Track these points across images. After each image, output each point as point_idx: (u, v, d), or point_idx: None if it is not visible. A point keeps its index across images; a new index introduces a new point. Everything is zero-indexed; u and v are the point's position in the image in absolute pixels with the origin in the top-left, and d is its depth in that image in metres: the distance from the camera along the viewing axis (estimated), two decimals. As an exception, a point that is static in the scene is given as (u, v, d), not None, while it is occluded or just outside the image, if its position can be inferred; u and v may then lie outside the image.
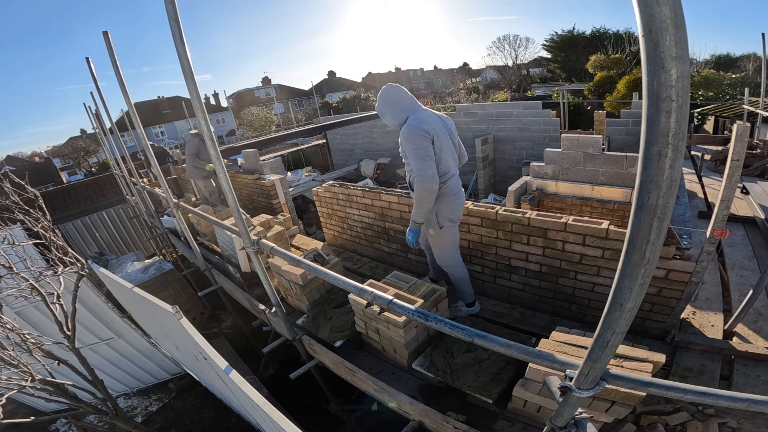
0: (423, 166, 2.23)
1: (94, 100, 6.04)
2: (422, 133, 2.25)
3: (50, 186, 16.98)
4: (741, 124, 1.82)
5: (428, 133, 2.27)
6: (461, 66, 49.19)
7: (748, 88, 7.93)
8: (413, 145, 2.25)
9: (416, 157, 2.24)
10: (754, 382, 1.99)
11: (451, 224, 2.54)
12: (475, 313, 2.87)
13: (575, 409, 1.12)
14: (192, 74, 1.79)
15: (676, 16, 0.59)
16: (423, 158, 2.23)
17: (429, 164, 2.24)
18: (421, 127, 2.26)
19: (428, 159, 2.24)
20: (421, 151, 2.23)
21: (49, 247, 3.14)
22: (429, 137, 2.27)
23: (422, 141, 2.25)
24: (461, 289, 2.79)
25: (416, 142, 2.24)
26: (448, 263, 2.71)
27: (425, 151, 2.24)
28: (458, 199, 2.51)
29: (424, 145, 2.25)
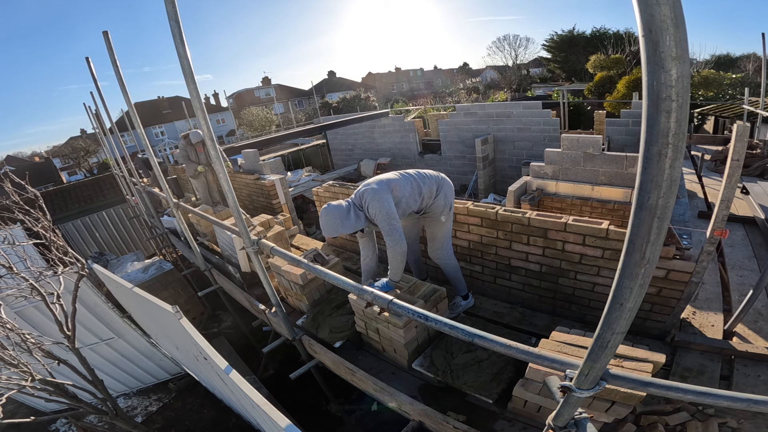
0: (392, 231, 2.39)
1: (94, 100, 6.04)
2: (383, 202, 2.36)
3: (50, 186, 16.97)
4: (741, 124, 1.82)
5: (387, 197, 2.39)
6: (461, 66, 49.19)
7: (748, 88, 7.92)
8: (381, 214, 2.37)
9: (385, 224, 2.38)
10: (754, 382, 1.99)
11: (450, 211, 2.68)
12: (472, 306, 2.95)
13: (575, 409, 1.12)
14: (192, 74, 1.79)
15: (676, 16, 0.59)
16: (391, 225, 2.37)
17: (396, 229, 2.39)
18: (381, 198, 2.38)
19: (395, 225, 2.38)
20: (388, 218, 2.37)
21: (49, 247, 3.14)
22: (389, 203, 2.38)
23: (386, 205, 2.37)
24: (457, 280, 2.87)
25: (381, 210, 2.36)
26: (446, 253, 2.78)
27: (392, 217, 2.38)
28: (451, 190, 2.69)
29: (388, 209, 2.37)
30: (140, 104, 30.97)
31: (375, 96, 31.65)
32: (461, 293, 2.91)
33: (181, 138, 5.77)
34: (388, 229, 2.38)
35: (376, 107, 24.63)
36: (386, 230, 2.39)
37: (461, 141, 8.19)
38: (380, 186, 2.43)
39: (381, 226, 2.41)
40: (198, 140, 5.59)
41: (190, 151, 5.71)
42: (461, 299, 2.92)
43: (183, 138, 5.71)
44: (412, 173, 2.63)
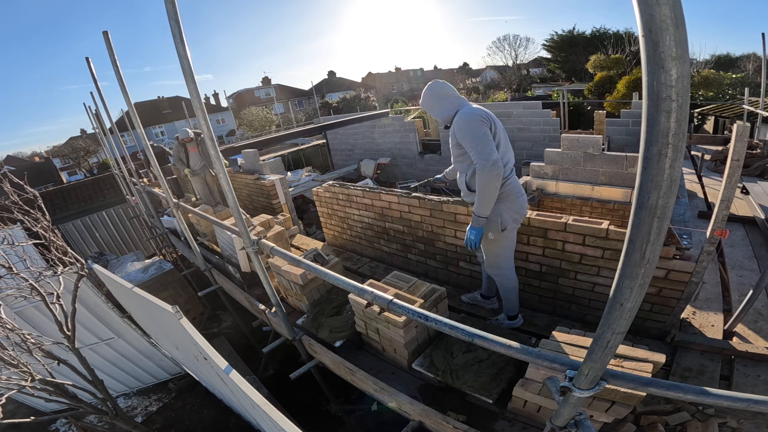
0: (485, 150, 2.03)
1: (94, 100, 6.04)
2: (479, 118, 2.08)
3: (50, 186, 16.96)
4: (741, 124, 1.82)
5: (486, 119, 2.10)
6: (461, 66, 49.26)
7: (748, 88, 7.92)
8: (472, 132, 2.06)
9: (477, 142, 2.05)
10: (754, 382, 1.99)
11: (515, 226, 2.33)
12: (518, 326, 2.67)
13: (575, 409, 1.12)
14: (192, 74, 1.79)
15: (676, 16, 0.59)
16: (485, 143, 2.04)
17: (492, 149, 2.04)
18: (478, 113, 2.10)
19: (490, 143, 2.05)
20: (482, 137, 2.04)
21: (49, 247, 3.13)
22: (487, 123, 2.09)
23: (481, 126, 2.06)
24: (509, 299, 2.58)
25: (475, 128, 2.06)
26: (502, 271, 2.46)
27: (486, 136, 2.05)
28: (522, 196, 2.31)
29: (485, 131, 2.06)
30: (140, 104, 31.00)
31: (375, 96, 31.66)
32: (510, 312, 2.63)
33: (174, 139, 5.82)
34: (481, 149, 2.03)
35: (376, 107, 24.63)
36: (477, 150, 2.04)
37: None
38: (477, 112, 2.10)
39: (469, 146, 2.09)
40: (184, 137, 5.59)
41: (180, 152, 5.74)
42: (506, 317, 2.65)
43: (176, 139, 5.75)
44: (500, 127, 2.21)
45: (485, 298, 2.96)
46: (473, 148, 2.07)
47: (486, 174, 2.04)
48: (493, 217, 2.23)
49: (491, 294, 2.93)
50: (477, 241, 2.24)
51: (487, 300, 2.95)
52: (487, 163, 2.02)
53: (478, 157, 2.05)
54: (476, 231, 2.22)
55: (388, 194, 3.55)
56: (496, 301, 2.94)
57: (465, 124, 2.09)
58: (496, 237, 2.30)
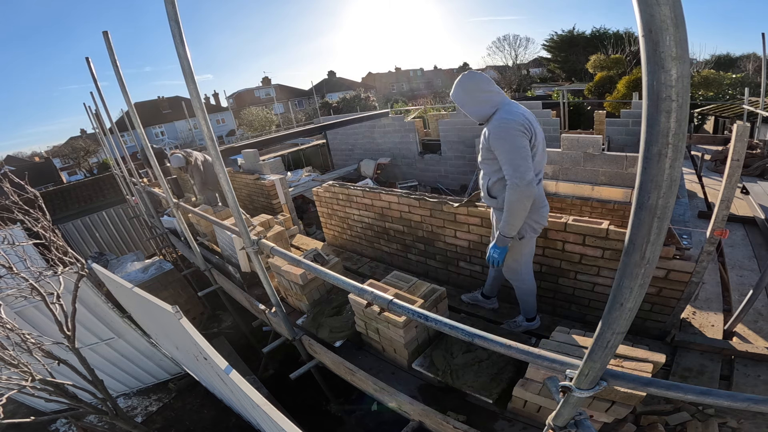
0: (521, 167, 1.90)
1: (94, 100, 6.04)
2: (521, 128, 1.93)
3: (50, 186, 16.96)
4: (741, 124, 1.82)
5: (527, 130, 1.95)
6: (461, 66, 49.16)
7: (748, 88, 7.93)
8: (510, 143, 1.92)
9: (514, 156, 1.92)
10: (754, 382, 1.99)
11: (533, 234, 2.25)
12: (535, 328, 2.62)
13: (575, 409, 1.12)
14: (192, 74, 1.79)
15: (676, 16, 0.59)
16: (523, 158, 1.91)
17: (528, 166, 1.92)
18: (520, 122, 1.94)
19: (528, 160, 1.93)
20: (519, 150, 1.92)
21: (49, 247, 3.13)
22: (528, 135, 1.96)
23: (521, 139, 1.92)
24: (526, 302, 2.53)
25: (513, 139, 1.92)
26: (520, 276, 2.40)
27: (524, 150, 1.92)
28: (545, 207, 2.24)
29: (524, 144, 1.93)
30: (140, 104, 30.99)
31: (375, 96, 31.66)
32: (528, 315, 2.58)
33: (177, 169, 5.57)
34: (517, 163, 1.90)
35: (376, 107, 24.63)
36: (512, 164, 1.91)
37: (461, 141, 8.19)
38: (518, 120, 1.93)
39: (503, 157, 1.96)
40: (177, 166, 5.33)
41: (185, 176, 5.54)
42: (524, 319, 2.61)
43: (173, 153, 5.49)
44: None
45: (486, 298, 2.94)
46: (508, 161, 1.95)
47: (518, 193, 1.93)
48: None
49: (492, 294, 2.91)
50: (500, 260, 2.17)
51: (488, 300, 2.94)
52: (521, 182, 1.91)
53: (512, 173, 1.93)
54: (500, 250, 2.15)
55: (388, 194, 3.55)
56: (496, 300, 2.94)
57: (503, 133, 1.94)
58: (514, 244, 2.25)
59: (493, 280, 2.81)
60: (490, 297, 2.93)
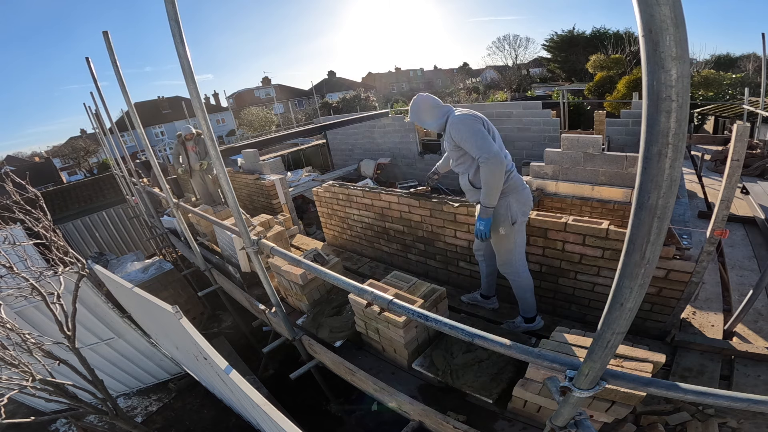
0: (485, 145, 2.16)
1: (94, 101, 6.04)
2: (472, 118, 2.23)
3: (50, 186, 16.97)
4: (741, 124, 1.82)
5: (477, 118, 2.24)
6: (461, 66, 49.25)
7: (748, 88, 7.93)
8: (469, 130, 2.19)
9: (476, 139, 2.18)
10: (754, 382, 1.99)
11: (524, 219, 2.38)
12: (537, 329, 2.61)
13: (575, 409, 1.12)
14: (192, 74, 1.79)
15: (676, 16, 0.59)
16: (483, 138, 2.17)
17: (490, 142, 2.18)
18: (471, 115, 2.25)
19: (488, 138, 2.19)
20: (478, 132, 2.18)
21: (50, 247, 3.13)
22: (479, 121, 2.24)
23: (476, 124, 2.21)
24: (525, 300, 2.53)
25: (470, 127, 2.20)
26: (515, 268, 2.46)
27: (482, 132, 2.19)
28: (526, 189, 2.39)
29: (479, 128, 2.20)
30: (140, 104, 31.00)
31: (375, 96, 31.67)
32: (525, 314, 2.58)
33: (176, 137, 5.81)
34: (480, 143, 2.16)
35: (376, 107, 24.64)
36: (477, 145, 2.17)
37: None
38: (468, 114, 2.26)
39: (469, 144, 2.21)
40: (186, 134, 5.57)
41: (180, 151, 5.72)
42: (523, 320, 2.60)
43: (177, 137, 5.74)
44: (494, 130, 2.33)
45: (485, 298, 2.95)
46: (473, 144, 2.19)
47: (490, 165, 2.14)
48: (502, 210, 2.30)
49: (491, 293, 2.92)
50: (487, 231, 2.31)
51: (487, 300, 2.94)
52: (490, 155, 2.13)
53: (479, 152, 2.16)
54: (485, 221, 2.30)
55: (388, 194, 3.55)
56: (496, 300, 2.94)
57: (461, 125, 2.22)
58: (507, 231, 2.35)
59: (487, 278, 2.84)
60: (489, 296, 2.93)
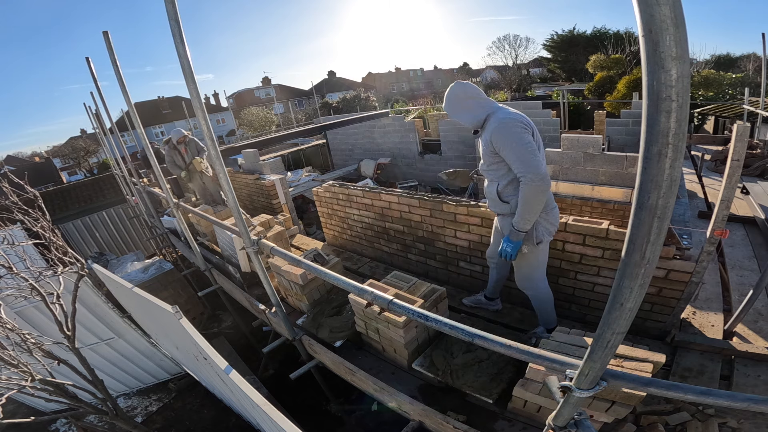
0: (533, 161, 1.89)
1: (94, 101, 6.04)
2: (521, 125, 1.93)
3: (50, 186, 16.97)
4: (741, 124, 1.82)
5: (527, 126, 1.96)
6: (461, 66, 49.22)
7: (748, 88, 7.92)
8: (516, 141, 1.90)
9: (523, 153, 1.90)
10: (754, 382, 1.99)
11: (549, 238, 2.20)
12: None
13: (575, 409, 1.12)
14: (192, 74, 1.79)
15: (676, 16, 0.59)
16: (532, 153, 1.90)
17: (539, 160, 1.92)
18: (519, 120, 1.95)
19: (537, 154, 1.92)
20: (527, 146, 1.90)
21: (49, 247, 3.13)
22: (528, 130, 1.96)
23: (525, 134, 1.92)
24: (546, 312, 2.44)
25: (518, 137, 1.91)
26: (535, 284, 2.33)
27: (531, 145, 1.91)
28: (556, 208, 2.22)
29: (528, 139, 1.92)
30: (140, 104, 31.02)
31: (375, 96, 31.67)
32: (549, 326, 2.46)
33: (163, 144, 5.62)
34: (528, 159, 1.88)
35: (376, 107, 24.64)
36: (523, 160, 1.89)
37: (461, 141, 8.20)
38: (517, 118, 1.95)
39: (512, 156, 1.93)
40: (178, 138, 5.44)
41: (175, 156, 5.58)
42: (544, 330, 2.49)
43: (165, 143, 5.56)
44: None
45: (489, 300, 2.89)
46: (518, 159, 1.92)
47: (534, 187, 1.90)
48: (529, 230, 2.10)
49: (495, 295, 2.86)
50: (514, 254, 2.13)
51: (491, 302, 2.89)
52: (536, 177, 1.89)
53: (525, 169, 1.91)
54: (514, 245, 2.11)
55: (388, 194, 3.55)
56: (499, 302, 2.89)
57: (506, 132, 1.93)
58: (531, 251, 2.19)
59: (496, 283, 2.74)
60: (494, 299, 2.90)
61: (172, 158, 5.58)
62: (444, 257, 3.38)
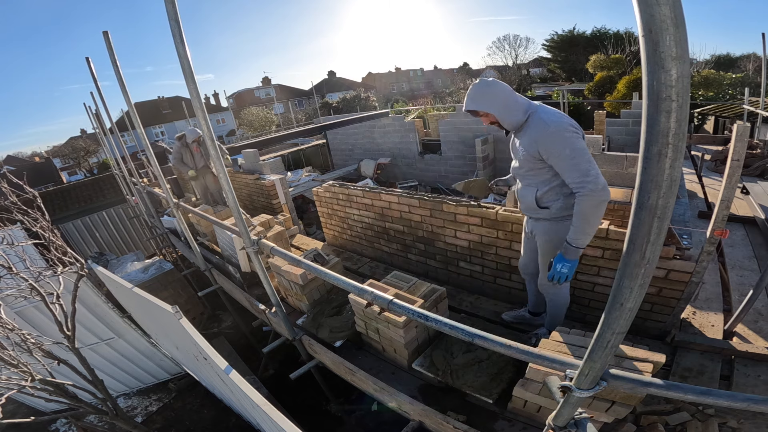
0: (591, 170, 1.70)
1: (94, 101, 6.04)
2: (573, 129, 1.75)
3: (50, 186, 16.97)
4: (741, 124, 1.82)
5: (578, 129, 1.78)
6: (461, 66, 49.18)
7: (748, 88, 7.92)
8: (570, 147, 1.72)
9: (580, 161, 1.71)
10: (754, 382, 1.99)
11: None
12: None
13: (575, 409, 1.12)
14: (192, 74, 1.79)
15: (676, 16, 0.59)
16: (589, 161, 1.72)
17: (597, 169, 1.73)
18: (569, 123, 1.77)
19: (593, 162, 1.74)
20: (584, 152, 1.73)
21: (49, 247, 3.13)
22: (579, 134, 1.78)
23: (579, 140, 1.74)
24: (557, 316, 2.34)
25: (572, 143, 1.72)
26: (561, 290, 2.20)
27: (587, 153, 1.74)
28: None
29: (583, 145, 1.74)
30: (140, 104, 31.02)
31: (375, 96, 31.68)
32: (550, 328, 2.36)
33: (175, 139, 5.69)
34: (586, 168, 1.70)
35: (376, 107, 24.64)
36: (580, 169, 1.71)
37: (461, 141, 8.20)
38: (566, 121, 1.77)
39: (566, 164, 1.74)
40: (194, 138, 5.46)
41: (184, 153, 5.59)
42: (546, 331, 2.40)
43: (178, 140, 5.61)
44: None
45: (534, 315, 2.64)
46: (574, 168, 1.72)
47: (595, 199, 1.70)
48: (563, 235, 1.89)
49: (541, 309, 2.58)
50: (571, 275, 1.85)
51: (537, 316, 2.63)
52: (596, 187, 1.68)
53: (583, 179, 1.71)
54: (571, 264, 1.82)
55: (388, 194, 3.55)
56: (545, 316, 2.55)
57: (557, 137, 1.74)
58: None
59: (537, 295, 2.50)
60: (540, 313, 2.62)
61: (180, 155, 5.58)
62: (444, 257, 3.38)
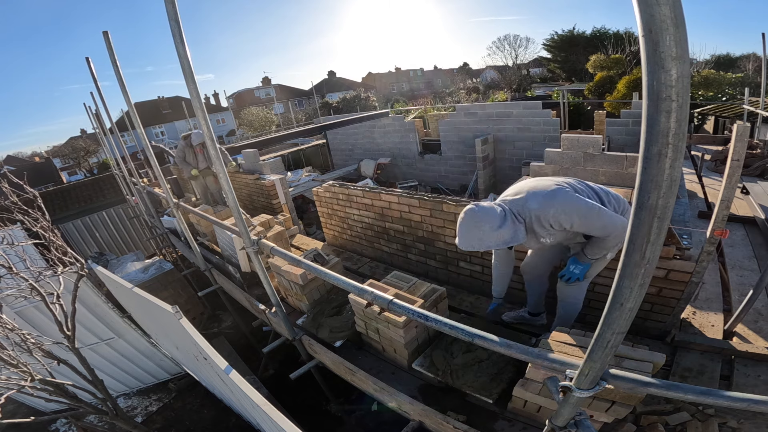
0: (611, 221, 1.81)
1: (94, 101, 6.03)
2: (567, 189, 1.85)
3: (50, 186, 16.97)
4: (741, 124, 1.82)
5: (568, 185, 1.88)
6: (461, 66, 49.24)
7: (748, 88, 7.92)
8: (577, 213, 1.80)
9: (592, 219, 1.80)
10: (754, 382, 1.99)
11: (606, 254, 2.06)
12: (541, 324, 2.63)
13: (575, 409, 1.12)
14: (192, 74, 1.79)
15: (676, 16, 0.59)
16: (599, 214, 1.80)
17: (611, 214, 1.83)
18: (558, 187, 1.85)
19: (603, 209, 1.82)
20: (591, 208, 1.80)
21: (49, 247, 3.13)
22: (571, 189, 1.87)
23: (579, 200, 1.82)
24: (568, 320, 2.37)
25: (578, 205, 1.80)
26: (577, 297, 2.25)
27: (592, 204, 1.82)
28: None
29: (585, 200, 1.83)
30: (140, 104, 30.98)
31: (375, 96, 31.69)
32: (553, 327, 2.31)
33: (180, 139, 5.72)
34: (607, 221, 1.80)
35: (376, 107, 24.64)
36: (602, 225, 1.81)
37: (461, 141, 8.19)
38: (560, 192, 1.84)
39: (590, 226, 1.84)
40: (199, 141, 5.50)
41: (188, 153, 5.63)
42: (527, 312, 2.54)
43: (183, 139, 5.65)
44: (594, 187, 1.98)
45: (534, 315, 2.69)
46: (598, 225, 1.82)
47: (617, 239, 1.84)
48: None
49: (540, 310, 2.67)
50: (582, 276, 2.08)
51: (537, 317, 2.69)
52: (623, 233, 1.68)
53: (605, 233, 1.83)
54: (583, 267, 2.06)
55: (388, 194, 3.55)
56: (545, 316, 2.71)
57: (568, 208, 1.80)
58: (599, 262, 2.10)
59: (539, 297, 2.59)
60: (539, 313, 2.69)
61: (184, 154, 5.64)
62: (444, 257, 3.38)
